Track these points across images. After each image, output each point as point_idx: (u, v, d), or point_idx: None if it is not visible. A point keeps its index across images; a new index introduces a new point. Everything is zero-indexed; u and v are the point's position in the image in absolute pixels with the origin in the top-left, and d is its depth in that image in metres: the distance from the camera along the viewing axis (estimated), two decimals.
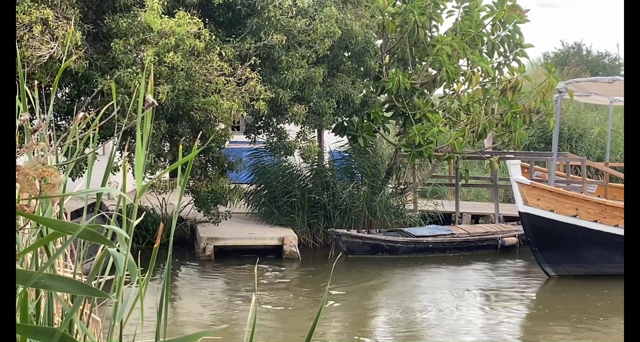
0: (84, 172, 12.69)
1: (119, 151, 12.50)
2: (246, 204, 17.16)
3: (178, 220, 16.31)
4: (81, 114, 2.20)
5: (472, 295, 12.65)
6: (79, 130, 2.59)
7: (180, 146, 2.49)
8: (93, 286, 2.00)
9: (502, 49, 17.20)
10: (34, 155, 1.93)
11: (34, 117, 2.65)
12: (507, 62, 17.25)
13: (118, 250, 1.83)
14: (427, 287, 13.47)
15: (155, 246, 2.13)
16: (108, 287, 2.25)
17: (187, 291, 12.74)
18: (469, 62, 16.68)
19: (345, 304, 11.88)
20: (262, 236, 15.43)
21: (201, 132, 12.75)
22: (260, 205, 17.14)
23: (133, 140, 9.31)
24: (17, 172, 1.55)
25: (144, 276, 2.03)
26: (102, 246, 2.08)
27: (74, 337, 2.12)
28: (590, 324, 10.75)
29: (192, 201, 15.17)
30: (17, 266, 1.80)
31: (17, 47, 11.47)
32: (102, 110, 2.77)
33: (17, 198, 1.66)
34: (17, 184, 1.56)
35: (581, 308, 11.77)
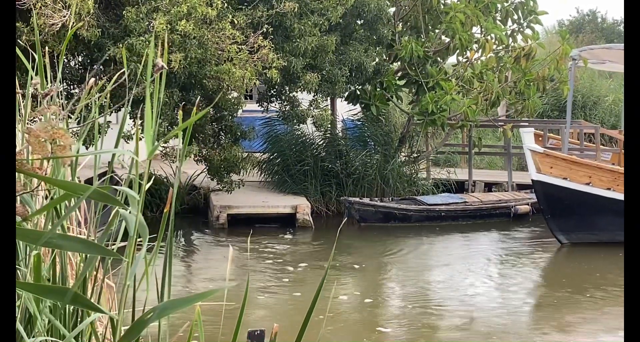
0: (99, 140, 12.74)
1: (132, 119, 12.54)
2: (259, 172, 17.20)
3: (191, 188, 16.40)
4: (92, 80, 2.21)
5: (485, 263, 12.70)
6: (91, 98, 2.61)
7: (181, 112, 2.49)
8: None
9: (516, 16, 17.07)
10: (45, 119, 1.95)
11: (46, 84, 2.66)
12: (521, 29, 17.12)
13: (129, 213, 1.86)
14: (439, 256, 13.52)
15: (165, 210, 2.15)
16: (121, 255, 2.28)
17: (200, 258, 12.84)
18: (483, 29, 16.56)
19: (356, 272, 11.94)
20: (275, 204, 15.47)
21: (202, 98, 12.71)
22: (273, 173, 17.17)
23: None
24: (28, 134, 1.57)
25: (154, 241, 2.06)
26: (114, 211, 2.11)
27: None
28: (603, 292, 10.77)
29: (205, 170, 15.22)
30: (29, 227, 1.83)
31: (29, 15, 11.48)
32: (114, 78, 2.79)
33: (29, 160, 1.69)
34: (29, 146, 1.59)
35: (593, 276, 11.79)
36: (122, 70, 2.80)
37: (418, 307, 10.04)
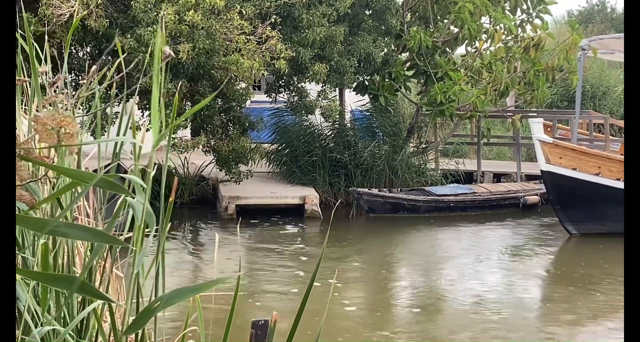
0: (105, 131, 12.77)
1: (140, 109, 12.54)
2: (267, 163, 17.19)
3: (200, 179, 16.42)
4: (94, 67, 2.21)
5: (493, 254, 12.67)
6: (95, 87, 2.60)
7: (176, 97, 2.49)
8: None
9: (525, 6, 17.00)
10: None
11: (55, 75, 2.65)
12: (530, 19, 17.05)
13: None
14: (448, 246, 13.50)
15: (170, 199, 2.14)
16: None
17: (208, 249, 12.85)
18: (492, 19, 16.50)
19: (365, 262, 11.94)
20: (283, 195, 15.47)
21: (210, 89, 12.71)
22: (281, 164, 17.17)
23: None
24: (35, 122, 1.56)
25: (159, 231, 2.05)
26: (121, 200, 2.10)
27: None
28: (611, 284, 10.73)
29: (213, 160, 15.23)
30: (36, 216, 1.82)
31: (37, 5, 11.48)
32: (114, 67, 2.78)
33: (37, 148, 1.69)
34: (36, 134, 1.58)
35: (602, 267, 11.75)
36: (122, 59, 2.79)
37: (427, 299, 10.04)
